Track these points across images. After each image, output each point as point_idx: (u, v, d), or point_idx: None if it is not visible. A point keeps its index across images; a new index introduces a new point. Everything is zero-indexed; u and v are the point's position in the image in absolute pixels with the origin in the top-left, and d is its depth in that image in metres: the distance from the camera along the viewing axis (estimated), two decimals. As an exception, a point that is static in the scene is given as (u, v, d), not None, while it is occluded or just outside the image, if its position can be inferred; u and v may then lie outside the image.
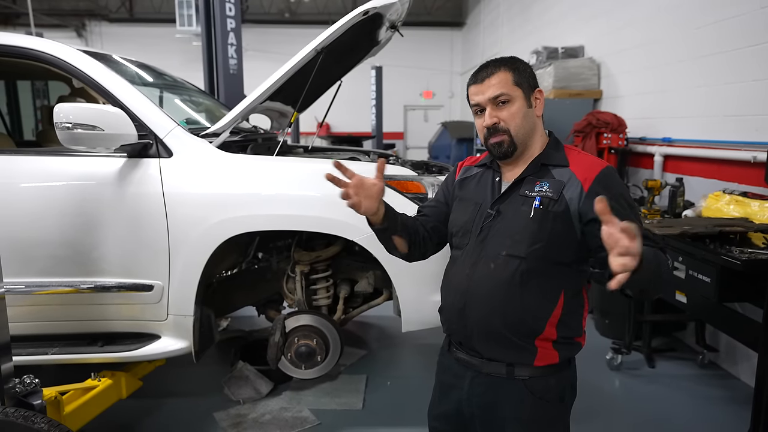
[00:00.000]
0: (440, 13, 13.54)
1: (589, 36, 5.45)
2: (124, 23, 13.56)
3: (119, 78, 2.35)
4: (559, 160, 1.35)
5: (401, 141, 14.33)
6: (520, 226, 1.31)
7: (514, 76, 1.33)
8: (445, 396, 1.48)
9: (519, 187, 1.35)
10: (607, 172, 1.30)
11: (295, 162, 2.45)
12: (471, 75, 1.40)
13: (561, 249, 1.30)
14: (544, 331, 1.31)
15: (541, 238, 1.28)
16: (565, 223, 1.28)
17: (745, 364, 3.04)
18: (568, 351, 1.36)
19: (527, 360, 1.33)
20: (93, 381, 2.31)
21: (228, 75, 4.61)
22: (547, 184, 1.31)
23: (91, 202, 2.24)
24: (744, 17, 3.11)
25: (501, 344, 1.34)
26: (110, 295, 2.31)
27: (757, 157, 2.94)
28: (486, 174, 1.46)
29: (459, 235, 1.44)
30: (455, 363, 1.45)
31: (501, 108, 1.33)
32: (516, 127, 1.33)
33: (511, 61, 1.36)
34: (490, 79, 1.33)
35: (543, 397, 1.33)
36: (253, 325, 3.70)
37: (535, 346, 1.32)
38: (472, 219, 1.40)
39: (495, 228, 1.35)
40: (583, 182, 1.28)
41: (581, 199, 1.27)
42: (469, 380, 1.40)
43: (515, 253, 1.30)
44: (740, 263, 2.04)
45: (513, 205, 1.34)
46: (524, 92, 1.34)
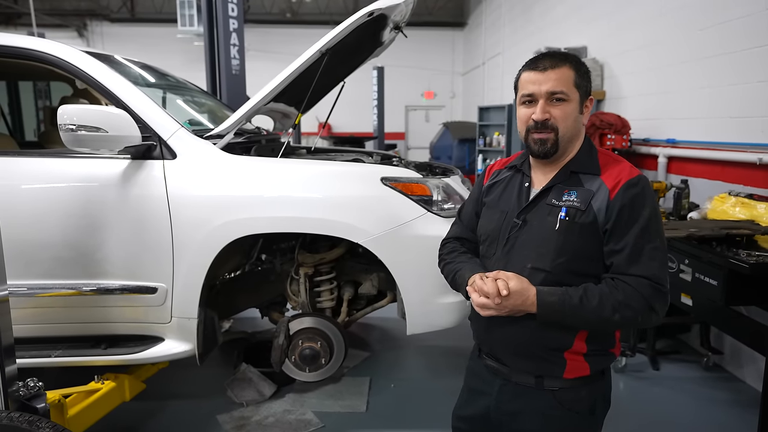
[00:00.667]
0: (441, 14, 13.54)
1: (592, 37, 5.44)
2: (125, 23, 13.56)
3: (123, 79, 2.34)
4: (590, 168, 1.28)
5: (402, 141, 14.33)
6: (544, 238, 1.26)
7: (577, 77, 1.26)
8: (474, 401, 1.45)
9: (546, 196, 1.30)
10: (636, 182, 1.23)
11: (300, 164, 2.44)
12: (529, 60, 1.30)
13: (588, 261, 1.25)
14: (573, 346, 1.28)
15: (566, 251, 1.24)
16: (592, 234, 1.23)
17: (751, 367, 3.02)
18: (600, 362, 1.31)
19: (556, 372, 1.29)
20: (96, 384, 2.30)
21: (230, 75, 4.61)
22: (575, 193, 1.26)
23: (95, 204, 2.23)
24: (749, 18, 3.09)
25: (528, 358, 1.31)
26: (113, 298, 2.30)
27: (762, 159, 2.93)
28: (514, 178, 1.40)
29: (486, 244, 1.40)
30: (485, 369, 1.42)
31: (555, 105, 1.25)
32: (565, 128, 1.25)
33: (576, 60, 1.28)
34: (553, 71, 1.24)
35: (572, 409, 1.30)
36: (255, 327, 3.69)
37: (564, 358, 1.28)
38: (498, 227, 1.36)
39: (521, 239, 1.30)
40: (610, 191, 1.23)
41: (607, 209, 1.22)
42: (498, 387, 1.37)
43: (540, 266, 1.26)
44: (748, 266, 2.03)
45: (539, 215, 1.29)
46: (580, 96, 1.27)
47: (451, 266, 1.45)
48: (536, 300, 1.21)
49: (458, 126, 9.38)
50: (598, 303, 1.18)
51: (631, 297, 1.18)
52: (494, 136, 7.05)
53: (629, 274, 1.20)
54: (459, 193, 2.55)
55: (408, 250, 2.31)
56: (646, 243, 1.20)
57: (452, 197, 2.48)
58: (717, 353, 3.23)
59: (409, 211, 2.31)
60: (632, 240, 1.20)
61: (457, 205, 2.48)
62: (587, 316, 1.20)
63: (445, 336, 2.50)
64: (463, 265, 1.41)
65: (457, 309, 2.41)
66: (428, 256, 2.32)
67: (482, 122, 7.32)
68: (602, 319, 1.19)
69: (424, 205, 2.35)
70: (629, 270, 1.20)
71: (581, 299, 1.19)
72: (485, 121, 7.32)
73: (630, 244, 1.20)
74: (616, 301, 1.18)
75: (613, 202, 1.21)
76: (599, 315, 1.19)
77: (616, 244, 1.21)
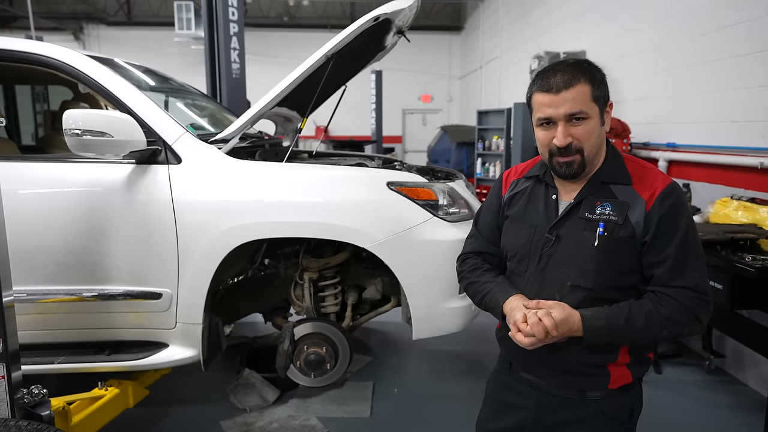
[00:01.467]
0: (439, 17, 13.58)
1: (591, 41, 5.47)
2: (122, 26, 13.53)
3: (127, 83, 2.33)
4: (620, 178, 1.24)
5: (400, 145, 14.35)
6: (584, 256, 1.21)
7: (593, 89, 1.18)
8: (504, 414, 1.40)
9: (578, 209, 1.24)
10: (670, 190, 1.19)
11: (306, 168, 2.43)
12: (540, 78, 1.22)
13: (629, 275, 1.22)
14: (617, 359, 1.25)
15: (607, 268, 1.20)
16: (631, 248, 1.19)
17: (753, 370, 3.03)
18: (640, 369, 1.30)
19: (601, 385, 1.26)
20: (100, 390, 2.28)
21: (231, 79, 4.60)
22: (609, 205, 1.21)
23: (99, 209, 2.22)
24: (751, 23, 3.12)
25: (571, 374, 1.27)
26: (117, 303, 2.29)
27: (764, 163, 2.95)
28: (537, 189, 1.34)
29: (515, 260, 1.34)
30: (518, 382, 1.37)
31: (575, 125, 1.18)
32: (590, 147, 1.20)
33: (590, 70, 1.20)
34: (568, 91, 1.16)
35: (616, 417, 1.28)
36: (257, 331, 3.67)
37: (608, 370, 1.25)
38: (528, 243, 1.30)
39: (555, 255, 1.25)
40: (646, 202, 1.19)
41: (645, 221, 1.18)
42: (536, 400, 1.32)
43: (582, 284, 1.21)
44: (754, 270, 2.03)
45: (574, 230, 1.24)
46: (600, 108, 1.21)
47: (477, 287, 1.39)
48: (582, 325, 1.17)
49: (456, 129, 9.39)
50: (645, 322, 1.16)
51: (677, 311, 1.16)
52: (493, 140, 7.06)
53: (672, 286, 1.17)
54: (464, 197, 2.55)
55: (414, 255, 2.31)
56: (687, 253, 1.17)
57: (457, 202, 2.48)
58: (719, 356, 3.23)
59: (415, 215, 2.31)
60: (673, 251, 1.17)
61: (462, 209, 2.48)
62: (635, 336, 1.18)
63: (448, 340, 2.49)
64: (491, 286, 1.34)
65: (464, 313, 2.41)
66: (434, 261, 2.34)
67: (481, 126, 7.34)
68: (650, 337, 1.18)
69: (430, 210, 2.34)
70: (672, 282, 1.17)
71: (627, 320, 1.16)
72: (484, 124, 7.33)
73: (671, 255, 1.17)
74: (662, 318, 1.16)
75: (650, 214, 1.18)
76: (647, 333, 1.17)
77: (657, 257, 1.18)
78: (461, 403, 2.82)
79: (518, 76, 7.82)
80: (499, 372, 1.47)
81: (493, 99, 9.80)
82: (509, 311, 1.25)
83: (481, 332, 3.31)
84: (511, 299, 1.27)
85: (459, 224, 2.41)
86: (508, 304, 1.26)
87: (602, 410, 1.27)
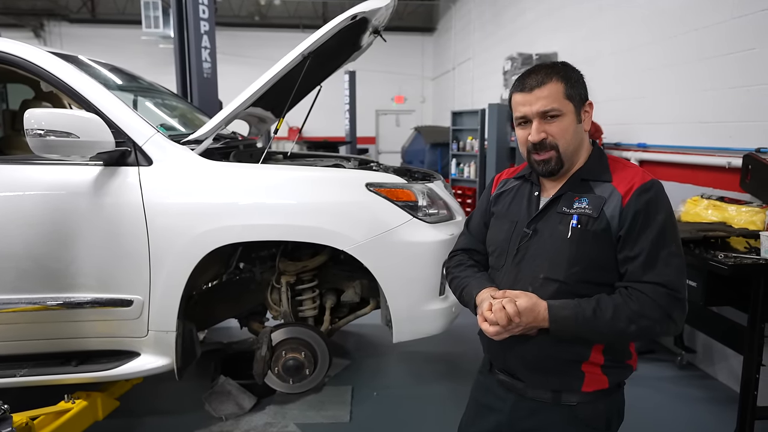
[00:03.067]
0: (411, 18, 13.62)
1: (563, 42, 5.55)
2: (85, 24, 13.11)
3: (93, 81, 2.23)
4: (601, 175, 1.25)
5: (373, 146, 14.34)
6: (557, 248, 1.22)
7: (566, 87, 1.21)
8: (484, 416, 1.40)
9: (557, 204, 1.26)
10: (649, 186, 1.19)
11: (283, 170, 2.38)
12: (517, 80, 1.27)
13: (602, 270, 1.21)
14: (590, 357, 1.24)
15: (579, 260, 1.20)
16: (606, 242, 1.19)
17: (722, 364, 3.11)
18: (618, 375, 1.28)
19: (574, 386, 1.25)
20: (67, 403, 2.18)
21: (202, 79, 4.49)
22: (586, 200, 1.22)
23: (64, 213, 2.12)
24: (719, 26, 3.20)
25: (544, 372, 1.26)
26: (85, 312, 2.19)
27: (731, 163, 3.03)
28: (523, 188, 1.37)
29: (495, 255, 1.36)
30: (497, 385, 1.37)
31: (550, 122, 1.21)
32: (565, 143, 1.22)
33: (564, 69, 1.24)
34: (541, 89, 1.20)
35: (590, 424, 1.26)
36: (231, 337, 3.59)
37: (582, 371, 1.24)
38: (507, 238, 1.32)
39: (531, 249, 1.27)
40: (622, 196, 1.19)
41: (620, 215, 1.18)
42: (512, 404, 1.32)
43: (553, 276, 1.22)
44: (727, 268, 2.08)
45: (550, 224, 1.25)
46: (575, 106, 1.23)
47: (458, 281, 1.41)
48: (548, 315, 1.17)
49: (430, 130, 9.41)
50: (612, 315, 1.15)
51: (647, 306, 1.14)
52: (468, 141, 7.09)
53: (644, 281, 1.16)
54: (443, 198, 2.53)
55: (394, 257, 2.28)
56: (661, 249, 1.16)
57: (436, 202, 2.46)
58: (690, 352, 3.31)
59: (395, 217, 2.28)
60: (647, 246, 1.16)
61: (441, 210, 2.46)
62: (602, 329, 1.16)
63: (425, 341, 2.47)
64: (470, 280, 1.36)
65: (444, 315, 2.39)
66: (415, 263, 2.32)
67: (455, 127, 7.37)
68: (617, 331, 1.16)
69: (409, 211, 2.32)
70: (644, 277, 1.16)
71: (595, 311, 1.15)
72: (458, 125, 7.36)
73: (645, 250, 1.16)
74: (631, 312, 1.14)
75: (626, 208, 1.18)
76: (614, 327, 1.15)
77: (630, 251, 1.18)
78: (441, 405, 2.81)
79: (491, 77, 7.89)
80: (481, 373, 1.47)
81: (466, 100, 9.87)
82: (479, 303, 1.27)
83: (459, 333, 3.31)
84: (483, 291, 1.29)
85: (438, 225, 2.39)
86: (479, 296, 1.28)
87: (578, 417, 1.25)
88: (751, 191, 2.84)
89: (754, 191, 2.81)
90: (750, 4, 2.94)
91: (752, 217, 2.57)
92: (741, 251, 2.28)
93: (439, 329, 2.41)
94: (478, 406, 1.44)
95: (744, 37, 2.98)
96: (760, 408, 2.25)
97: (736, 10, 3.05)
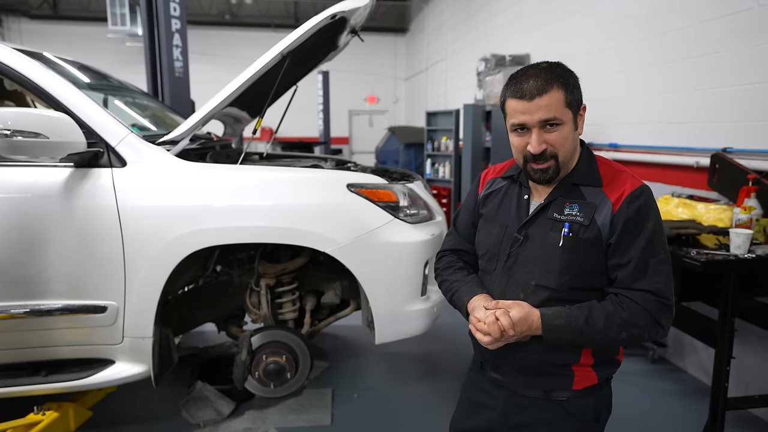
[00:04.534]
0: (384, 19, 13.61)
1: (535, 44, 5.64)
2: (47, 20, 12.63)
3: (62, 79, 2.14)
4: (591, 180, 1.24)
5: (346, 146, 14.28)
6: (548, 255, 1.21)
7: (567, 95, 1.18)
8: (475, 414, 1.41)
9: (547, 209, 1.25)
10: (639, 193, 1.19)
11: (262, 170, 2.34)
12: (513, 83, 1.21)
13: (593, 276, 1.22)
14: (581, 359, 1.26)
15: (571, 268, 1.20)
16: (597, 249, 1.20)
17: (692, 357, 3.21)
18: (607, 370, 1.30)
19: (565, 385, 1.27)
20: (36, 415, 2.10)
21: (174, 78, 4.37)
22: (577, 207, 1.21)
23: (32, 217, 2.03)
24: (685, 30, 3.30)
25: (536, 375, 1.28)
26: (54, 319, 2.11)
27: (699, 162, 3.13)
28: (512, 189, 1.36)
29: (485, 259, 1.35)
30: (488, 382, 1.38)
31: (549, 131, 1.18)
32: (565, 152, 1.20)
33: (563, 75, 1.20)
34: (541, 98, 1.16)
35: (581, 418, 1.28)
36: (206, 341, 3.51)
37: (572, 371, 1.26)
38: (498, 242, 1.31)
39: (522, 255, 1.26)
40: (613, 203, 1.19)
41: (611, 223, 1.19)
42: (504, 401, 1.33)
43: (545, 284, 1.22)
44: (700, 264, 2.14)
45: (541, 230, 1.24)
46: (573, 113, 1.20)
47: (447, 285, 1.40)
48: (541, 324, 1.18)
49: (404, 131, 9.42)
50: (604, 323, 1.16)
51: (637, 314, 1.16)
52: (442, 141, 7.13)
53: (634, 289, 1.17)
54: (423, 198, 2.54)
55: (376, 258, 2.27)
56: (651, 257, 1.17)
57: (417, 203, 2.46)
58: (662, 346, 3.41)
59: (377, 218, 2.27)
60: (637, 254, 1.17)
61: (421, 210, 2.46)
62: (594, 337, 1.17)
63: (404, 341, 2.46)
64: (461, 285, 1.36)
65: (426, 315, 2.39)
66: (397, 263, 2.31)
67: (430, 127, 7.40)
68: (609, 338, 1.17)
69: (390, 212, 2.31)
70: (634, 285, 1.17)
71: (587, 320, 1.16)
72: (433, 125, 7.39)
73: (635, 258, 1.17)
74: (622, 320, 1.16)
75: (617, 216, 1.18)
76: (606, 335, 1.16)
77: (620, 258, 1.19)
78: (422, 405, 2.81)
79: (465, 77, 7.96)
80: (472, 371, 1.48)
81: (439, 100, 9.93)
82: (471, 310, 1.27)
83: (438, 332, 3.32)
84: (475, 299, 1.29)
85: (419, 225, 2.40)
86: (472, 303, 1.28)
87: (568, 412, 1.28)
88: (718, 189, 2.94)
89: (722, 189, 2.91)
90: (715, 9, 3.04)
91: (720, 215, 2.66)
92: (711, 248, 2.35)
93: (422, 329, 2.41)
94: (469, 403, 1.44)
95: (710, 41, 3.08)
96: (731, 399, 2.33)
97: (701, 14, 3.15)
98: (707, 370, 3.02)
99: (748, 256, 2.19)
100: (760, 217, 2.48)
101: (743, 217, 2.43)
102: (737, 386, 2.73)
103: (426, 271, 2.35)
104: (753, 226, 2.41)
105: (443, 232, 2.49)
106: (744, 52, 2.85)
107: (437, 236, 2.41)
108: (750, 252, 2.22)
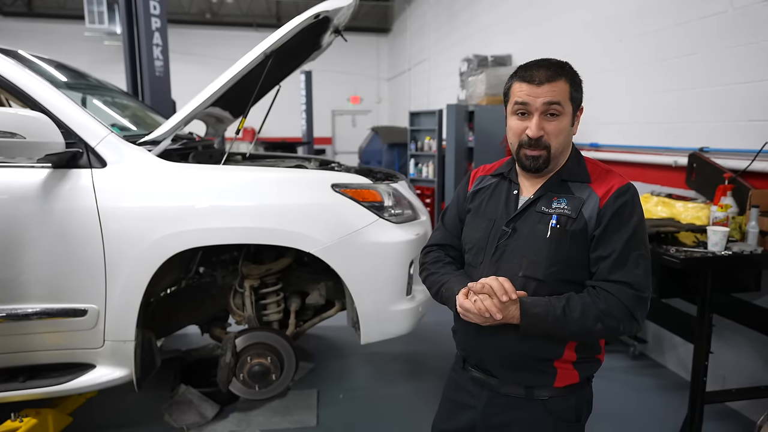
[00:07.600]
0: (366, 19, 13.61)
1: (517, 45, 5.69)
2: (21, 18, 12.35)
3: (39, 78, 2.10)
4: (579, 176, 1.28)
5: (330, 146, 14.25)
6: (536, 247, 1.24)
7: (572, 90, 1.23)
8: (456, 414, 1.41)
9: (536, 203, 1.28)
10: (625, 190, 1.23)
11: (246, 171, 2.31)
12: (523, 70, 1.26)
13: (579, 269, 1.24)
14: (563, 355, 1.27)
15: (558, 260, 1.22)
16: (583, 242, 1.22)
17: (672, 353, 3.28)
18: (588, 369, 1.32)
19: (547, 382, 1.28)
20: (13, 422, 2.05)
21: (154, 77, 4.31)
22: (565, 200, 1.25)
23: (9, 219, 1.99)
24: (660, 33, 3.37)
25: (518, 369, 1.29)
26: (32, 324, 2.06)
27: (677, 161, 3.19)
28: (501, 185, 1.38)
29: (472, 253, 1.36)
30: (470, 382, 1.38)
31: (549, 120, 1.22)
32: (557, 144, 1.24)
33: (571, 72, 1.26)
34: (551, 84, 1.20)
35: (562, 418, 1.29)
36: (189, 344, 3.47)
37: (555, 368, 1.27)
38: (485, 236, 1.32)
39: (510, 247, 1.28)
40: (600, 198, 1.23)
41: (597, 216, 1.22)
42: (486, 400, 1.34)
43: (532, 275, 1.24)
44: (679, 261, 2.18)
45: (529, 223, 1.27)
46: (573, 109, 1.25)
47: (434, 278, 1.40)
48: (520, 311, 1.19)
49: (387, 131, 9.43)
50: (580, 313, 1.18)
51: (613, 305, 1.18)
52: (426, 141, 7.15)
53: (611, 280, 1.20)
54: (407, 198, 2.54)
55: (361, 258, 2.26)
56: (632, 251, 1.20)
57: (401, 202, 2.46)
58: (642, 342, 3.47)
59: (362, 218, 2.26)
60: (619, 247, 1.20)
61: (406, 210, 2.47)
62: (570, 327, 1.18)
63: (389, 341, 2.47)
64: (449, 277, 1.36)
65: (411, 315, 2.40)
66: (382, 263, 2.31)
67: (413, 127, 7.41)
68: (585, 329, 1.18)
69: (375, 212, 2.31)
70: (611, 276, 1.20)
71: (564, 310, 1.18)
72: (416, 125, 7.40)
73: (617, 250, 1.20)
74: (598, 311, 1.18)
75: (603, 210, 1.21)
76: (582, 325, 1.18)
77: (603, 251, 1.21)
78: (408, 405, 2.82)
79: (448, 78, 7.99)
80: (453, 371, 1.48)
81: (422, 100, 9.96)
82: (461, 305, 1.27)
83: (422, 332, 3.33)
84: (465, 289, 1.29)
85: (404, 225, 2.40)
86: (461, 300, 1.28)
87: (549, 411, 1.29)
88: (696, 188, 3.00)
89: (699, 188, 2.97)
90: (691, 11, 3.11)
91: (698, 213, 2.71)
92: (690, 245, 2.40)
93: (407, 329, 2.42)
94: (451, 403, 1.45)
95: (686, 43, 3.15)
96: (710, 393, 2.38)
97: (678, 16, 3.21)
98: (686, 365, 3.09)
99: (725, 253, 2.24)
100: (736, 214, 2.54)
101: (720, 215, 2.49)
102: (715, 380, 2.79)
103: (411, 271, 2.35)
104: (729, 223, 2.47)
105: (428, 232, 2.50)
106: (720, 54, 2.92)
107: (422, 236, 2.41)
108: (727, 249, 2.27)
